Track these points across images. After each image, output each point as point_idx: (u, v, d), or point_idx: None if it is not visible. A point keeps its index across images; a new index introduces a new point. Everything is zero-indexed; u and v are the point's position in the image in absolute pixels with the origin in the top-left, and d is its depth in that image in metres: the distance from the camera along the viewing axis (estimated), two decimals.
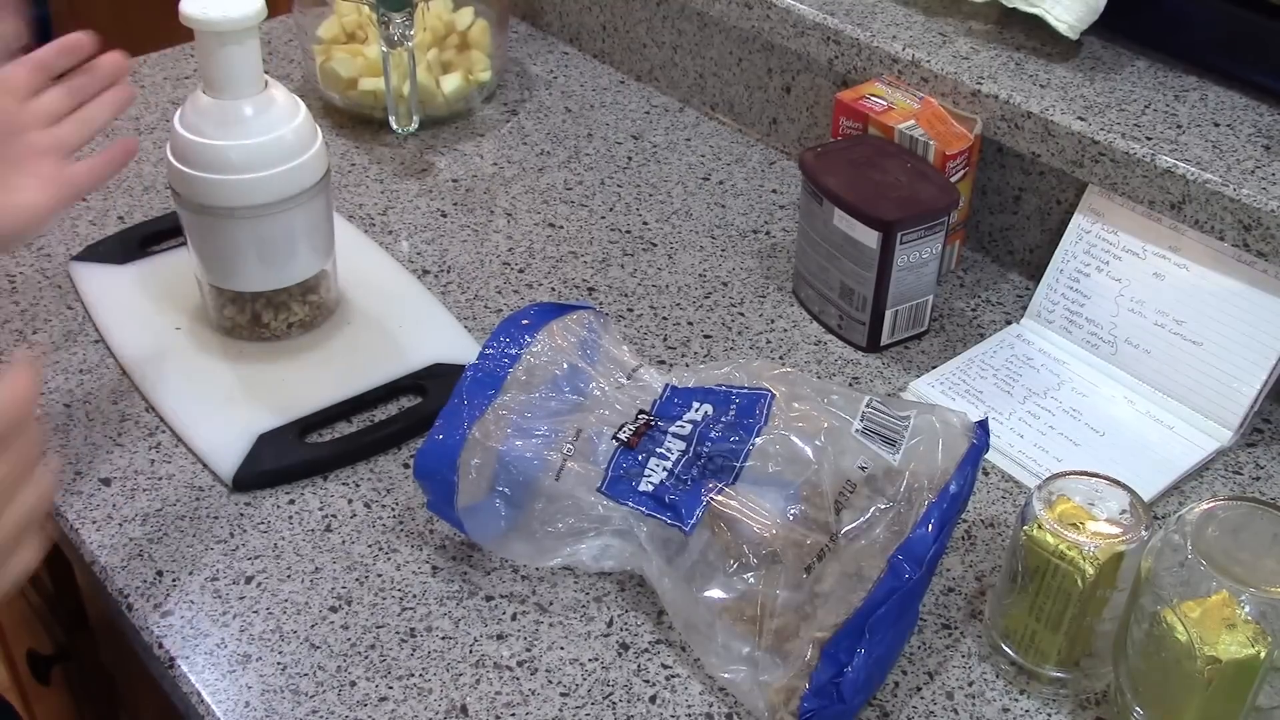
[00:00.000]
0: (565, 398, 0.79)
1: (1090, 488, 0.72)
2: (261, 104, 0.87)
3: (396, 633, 0.76)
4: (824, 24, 1.10)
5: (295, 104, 0.90)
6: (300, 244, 0.92)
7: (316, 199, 0.91)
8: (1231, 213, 0.89)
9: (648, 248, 1.10)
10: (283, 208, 0.89)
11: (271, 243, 0.90)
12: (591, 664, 0.75)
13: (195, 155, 0.87)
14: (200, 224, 0.90)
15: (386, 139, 1.23)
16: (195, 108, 0.88)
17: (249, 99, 0.87)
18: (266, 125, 0.87)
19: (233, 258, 0.91)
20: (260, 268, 0.91)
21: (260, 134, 0.87)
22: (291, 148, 0.88)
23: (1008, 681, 0.74)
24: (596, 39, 1.38)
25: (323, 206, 0.92)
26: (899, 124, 1.01)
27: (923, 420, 0.77)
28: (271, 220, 0.89)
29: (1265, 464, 0.89)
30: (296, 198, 0.89)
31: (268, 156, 0.87)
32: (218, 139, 0.87)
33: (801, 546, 0.72)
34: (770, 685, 0.70)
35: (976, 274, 1.08)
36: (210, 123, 0.87)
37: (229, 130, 0.87)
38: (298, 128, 0.89)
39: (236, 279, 0.92)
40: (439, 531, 0.82)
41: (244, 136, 0.87)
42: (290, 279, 0.93)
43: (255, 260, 0.91)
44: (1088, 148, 0.95)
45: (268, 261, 0.91)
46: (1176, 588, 0.65)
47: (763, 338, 1.00)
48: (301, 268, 0.93)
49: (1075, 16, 1.01)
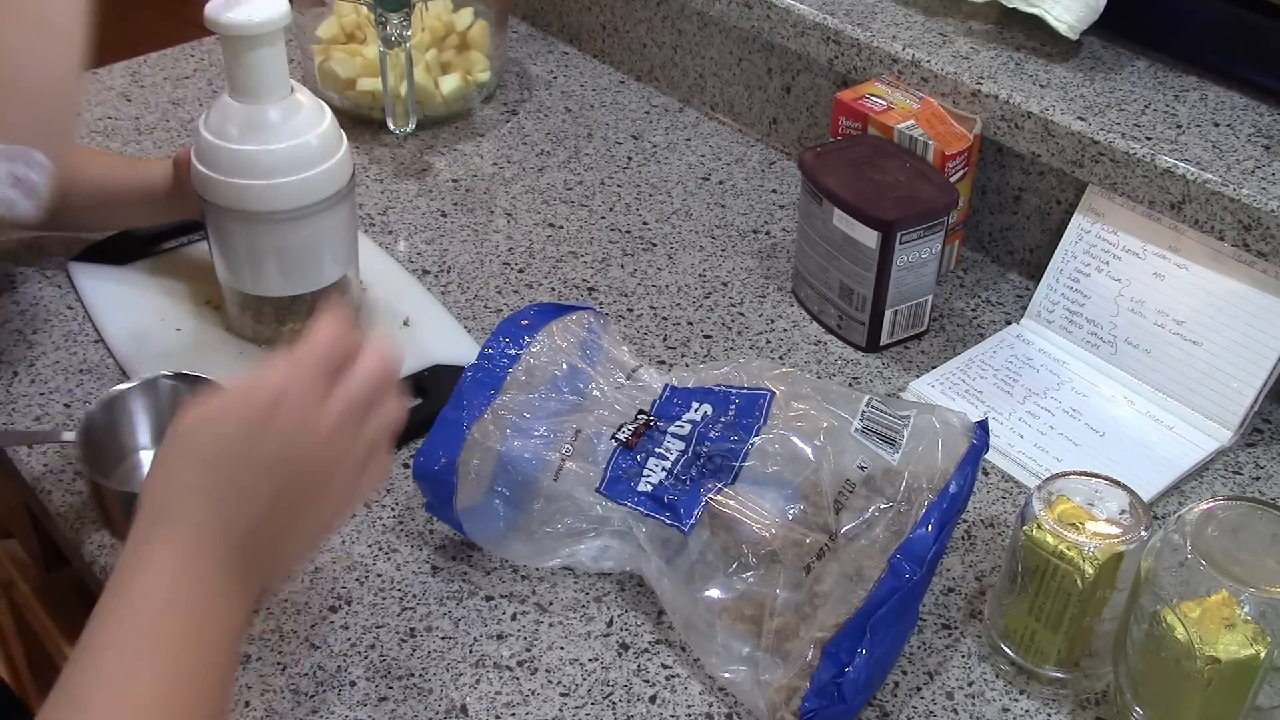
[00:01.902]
0: (565, 398, 0.79)
1: (1090, 488, 0.72)
2: (287, 109, 0.87)
3: (396, 633, 0.76)
4: (824, 24, 1.10)
5: (321, 109, 0.89)
6: (324, 250, 0.91)
7: (340, 205, 0.91)
8: (1231, 213, 0.89)
9: (648, 248, 1.10)
10: (307, 213, 0.88)
11: (295, 248, 0.90)
12: (591, 664, 0.75)
13: (220, 159, 0.87)
14: (224, 228, 0.90)
15: (386, 139, 1.23)
16: (221, 111, 0.87)
17: (275, 104, 0.86)
18: (292, 130, 0.86)
19: (257, 262, 0.90)
20: (283, 273, 0.91)
21: (286, 139, 0.86)
22: (316, 153, 0.88)
23: (1008, 681, 0.74)
24: (596, 39, 1.38)
25: (346, 212, 0.92)
26: (899, 124, 1.01)
27: (922, 420, 0.77)
28: (295, 226, 0.89)
29: (1265, 464, 0.89)
30: (320, 204, 0.89)
31: (293, 162, 0.87)
32: (243, 143, 0.86)
33: (801, 546, 0.72)
34: (771, 685, 0.70)
35: (976, 274, 1.08)
36: (235, 127, 0.86)
37: (254, 135, 0.86)
38: (323, 133, 0.88)
39: (259, 284, 0.92)
40: (439, 531, 0.82)
41: (269, 141, 0.86)
42: (313, 285, 0.92)
43: (278, 266, 0.90)
44: (1088, 148, 0.95)
45: (291, 267, 0.91)
46: (1176, 588, 0.65)
47: (762, 338, 1.00)
48: (324, 274, 0.93)
49: (1075, 16, 1.01)
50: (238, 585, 0.58)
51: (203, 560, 0.57)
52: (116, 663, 0.54)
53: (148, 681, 0.54)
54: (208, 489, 0.58)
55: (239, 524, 0.58)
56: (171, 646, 0.55)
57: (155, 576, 0.56)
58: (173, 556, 0.57)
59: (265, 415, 0.59)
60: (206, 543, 0.57)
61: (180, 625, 0.56)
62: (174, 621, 0.56)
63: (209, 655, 0.57)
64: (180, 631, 0.56)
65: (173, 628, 0.56)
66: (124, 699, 0.53)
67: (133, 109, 1.26)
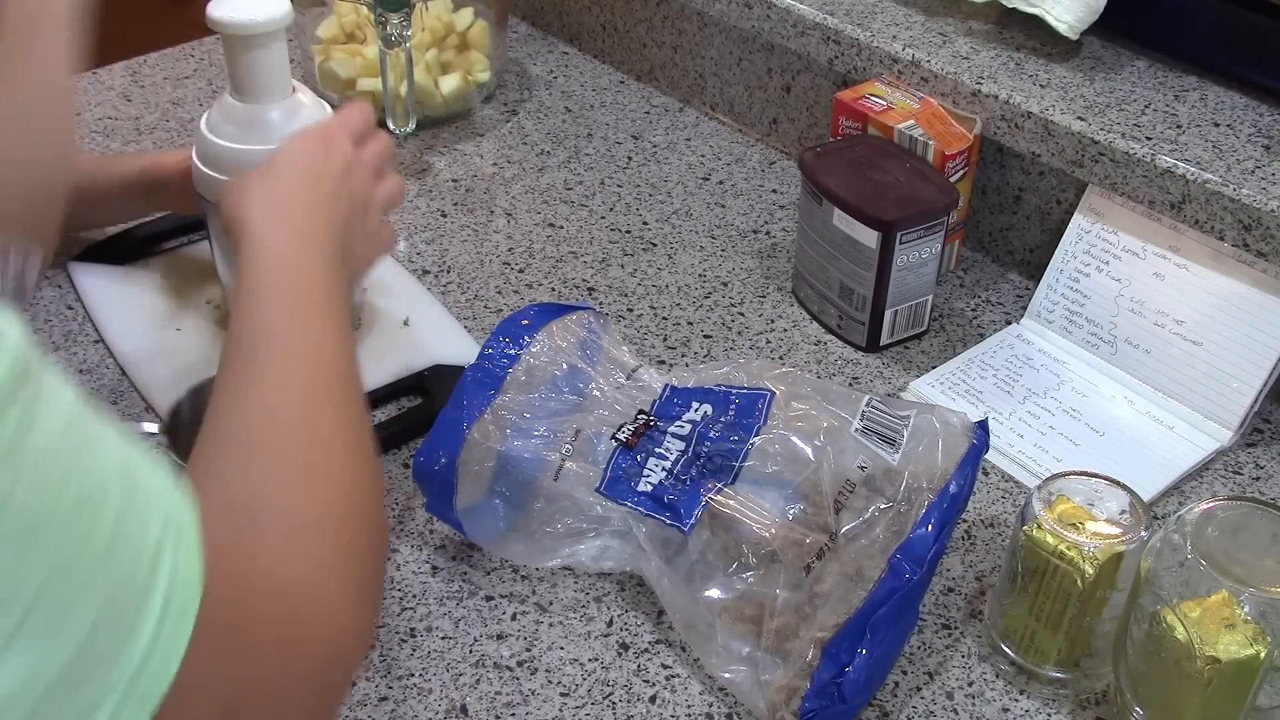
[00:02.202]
0: (565, 398, 0.79)
1: (1090, 488, 0.72)
2: (289, 109, 0.86)
3: (396, 633, 0.76)
4: (824, 24, 1.10)
5: (322, 108, 0.89)
6: None
7: None
8: (1231, 213, 0.89)
9: (648, 248, 1.10)
10: None
11: None
12: (591, 664, 0.75)
13: (221, 159, 0.86)
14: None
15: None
16: (222, 111, 0.87)
17: (276, 103, 0.86)
18: (293, 130, 0.86)
19: None
20: None
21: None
22: None
23: (1008, 681, 0.74)
24: (596, 39, 1.38)
25: None
26: (899, 124, 1.01)
27: (922, 420, 0.77)
28: None
29: (1265, 464, 0.89)
30: None
31: None
32: (244, 143, 0.86)
33: (801, 546, 0.72)
34: (771, 685, 0.69)
35: (976, 274, 1.08)
36: (236, 126, 0.86)
37: (255, 134, 0.85)
38: None
39: None
40: (439, 531, 0.82)
41: (270, 141, 0.85)
42: None
43: None
44: (1088, 148, 0.95)
45: None
46: (1176, 588, 0.65)
47: (762, 338, 1.00)
48: None
49: (1075, 16, 1.01)
50: (343, 268, 0.73)
51: (318, 244, 0.71)
52: (283, 318, 0.66)
53: (315, 327, 0.66)
54: (305, 196, 0.74)
55: (330, 222, 0.73)
56: (321, 299, 0.68)
57: (286, 261, 0.69)
58: (295, 244, 0.71)
59: (328, 144, 0.78)
60: (313, 233, 0.72)
61: (322, 288, 0.69)
62: (315, 289, 0.69)
63: (344, 315, 0.69)
64: (326, 288, 0.69)
65: (315, 294, 0.68)
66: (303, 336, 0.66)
67: (133, 109, 1.26)
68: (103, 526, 0.40)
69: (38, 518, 0.37)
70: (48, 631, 0.37)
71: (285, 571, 0.53)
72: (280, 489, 0.58)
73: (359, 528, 0.59)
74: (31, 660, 0.37)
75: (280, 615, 0.51)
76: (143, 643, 0.41)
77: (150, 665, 0.41)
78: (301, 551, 0.55)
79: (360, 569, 0.58)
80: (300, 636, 0.51)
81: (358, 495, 0.61)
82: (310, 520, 0.57)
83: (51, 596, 0.37)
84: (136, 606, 0.41)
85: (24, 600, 0.37)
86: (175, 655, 0.42)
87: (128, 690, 0.40)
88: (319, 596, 0.54)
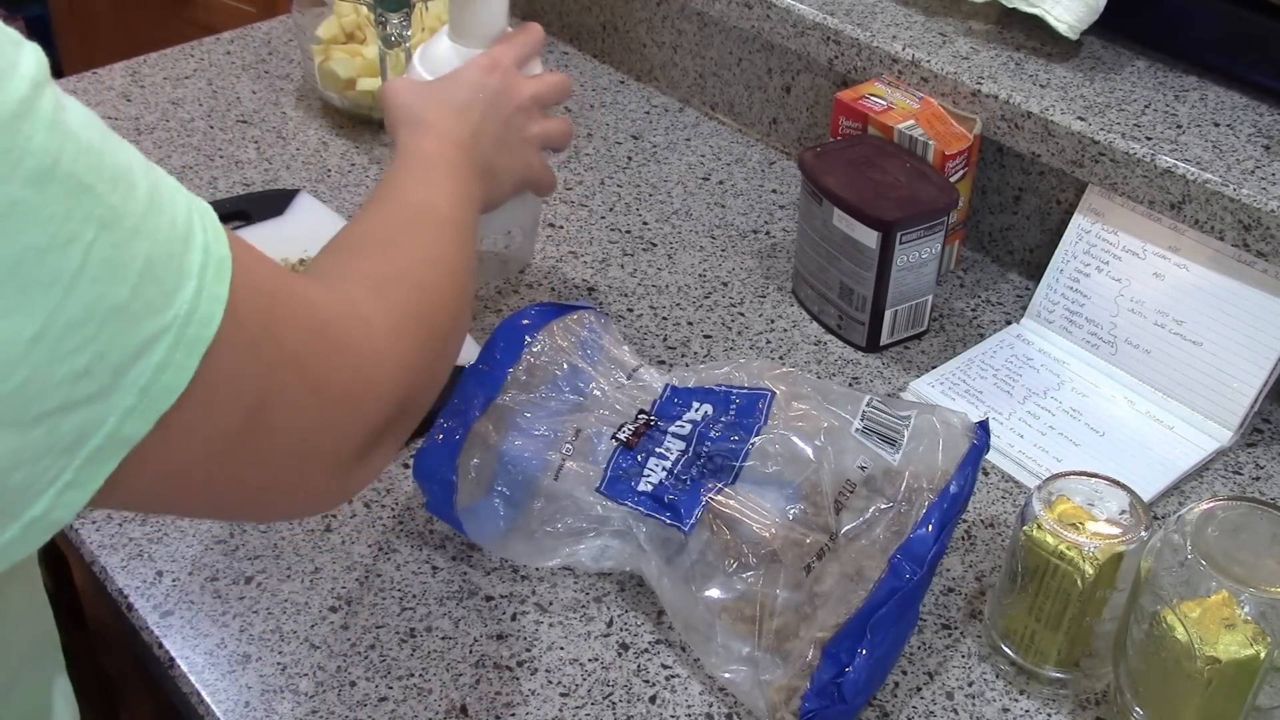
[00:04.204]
0: (565, 398, 0.79)
1: (1090, 488, 0.72)
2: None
3: (396, 633, 0.76)
4: (824, 24, 1.10)
5: (535, 60, 0.91)
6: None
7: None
8: (1231, 213, 0.89)
9: (648, 248, 1.10)
10: None
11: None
12: (591, 664, 0.75)
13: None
14: None
15: (386, 139, 1.22)
16: (436, 50, 0.90)
17: (490, 48, 0.88)
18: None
19: None
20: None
21: None
22: None
23: (1008, 681, 0.74)
24: (596, 39, 1.38)
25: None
26: (899, 124, 1.01)
27: (923, 420, 0.77)
28: None
29: (1265, 464, 0.89)
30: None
31: None
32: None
33: (801, 546, 0.72)
34: (771, 685, 0.70)
35: (976, 274, 1.08)
36: (448, 67, 0.88)
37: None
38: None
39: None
40: (439, 531, 0.82)
41: None
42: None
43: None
44: (1088, 148, 0.95)
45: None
46: (1176, 588, 0.65)
47: (762, 338, 1.00)
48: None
49: (1075, 16, 1.01)
50: (476, 173, 0.80)
51: (458, 148, 0.79)
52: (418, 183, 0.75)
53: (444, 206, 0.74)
54: (456, 109, 0.82)
55: (475, 136, 0.81)
56: (453, 188, 0.76)
57: (426, 156, 0.77)
58: (437, 142, 0.79)
59: (488, 70, 0.85)
60: (456, 140, 0.80)
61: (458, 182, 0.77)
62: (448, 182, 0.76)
63: (473, 212, 0.77)
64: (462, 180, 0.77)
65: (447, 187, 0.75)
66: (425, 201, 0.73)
67: (133, 109, 1.26)
68: (138, 195, 0.45)
69: (85, 180, 0.43)
70: (105, 275, 0.43)
71: (328, 296, 0.57)
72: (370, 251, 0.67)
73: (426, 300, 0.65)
74: (98, 291, 0.43)
75: (312, 325, 0.54)
76: (189, 292, 0.46)
77: (197, 313, 0.46)
78: (352, 290, 0.61)
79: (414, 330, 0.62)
80: (331, 350, 0.55)
81: (438, 292, 0.67)
82: (377, 275, 0.64)
83: (103, 244, 0.43)
84: (180, 261, 0.46)
85: (83, 243, 0.42)
86: (218, 307, 0.47)
87: (179, 333, 0.45)
88: (361, 321, 0.58)
